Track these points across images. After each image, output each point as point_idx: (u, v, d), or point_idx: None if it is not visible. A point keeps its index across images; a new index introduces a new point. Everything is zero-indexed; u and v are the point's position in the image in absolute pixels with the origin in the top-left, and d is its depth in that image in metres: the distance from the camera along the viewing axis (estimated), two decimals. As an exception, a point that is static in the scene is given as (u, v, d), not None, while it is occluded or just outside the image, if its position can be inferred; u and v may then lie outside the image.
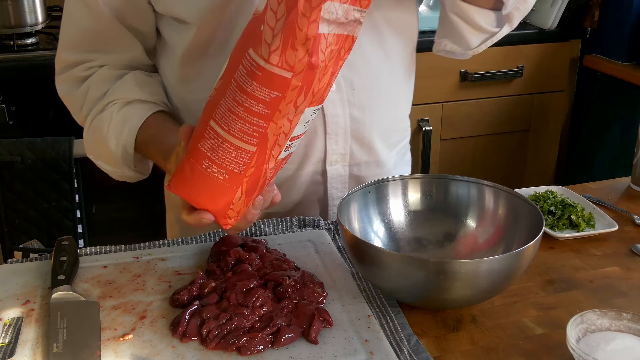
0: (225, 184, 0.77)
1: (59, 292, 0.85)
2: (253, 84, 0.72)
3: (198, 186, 0.79)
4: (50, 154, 1.84)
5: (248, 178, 0.77)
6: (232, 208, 0.80)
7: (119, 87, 1.04)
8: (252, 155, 0.76)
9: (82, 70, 1.06)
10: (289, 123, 0.76)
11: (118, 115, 1.02)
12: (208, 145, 0.77)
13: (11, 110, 1.88)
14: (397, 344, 0.79)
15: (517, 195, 0.94)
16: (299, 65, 0.71)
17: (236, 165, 0.76)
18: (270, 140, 0.75)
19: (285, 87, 0.72)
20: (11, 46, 1.95)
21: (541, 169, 2.58)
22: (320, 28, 0.71)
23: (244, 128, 0.74)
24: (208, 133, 0.77)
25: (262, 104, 0.73)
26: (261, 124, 0.74)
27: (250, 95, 0.73)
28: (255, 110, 0.73)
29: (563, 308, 0.88)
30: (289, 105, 0.74)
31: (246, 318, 0.80)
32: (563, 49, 2.44)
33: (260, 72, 0.72)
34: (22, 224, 1.94)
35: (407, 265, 0.82)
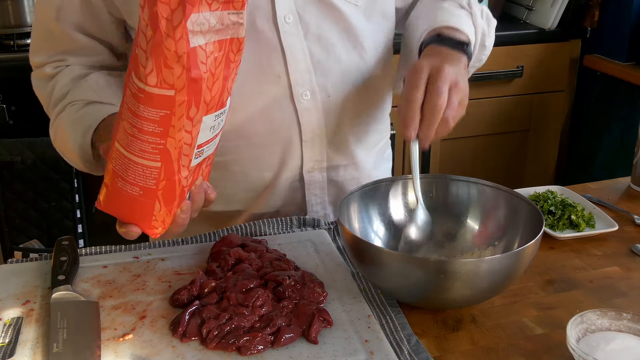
0: (141, 199, 0.78)
1: (59, 292, 0.85)
2: (139, 106, 0.73)
3: (118, 203, 0.80)
4: (50, 154, 1.84)
5: (162, 191, 0.78)
6: (155, 219, 0.81)
7: (77, 89, 1.04)
8: (158, 170, 0.76)
9: (51, 68, 1.08)
10: (188, 134, 0.76)
11: (76, 115, 1.02)
12: (118, 166, 0.78)
13: (11, 110, 1.88)
14: (397, 344, 0.79)
15: (517, 195, 0.94)
16: (178, 82, 0.71)
17: (146, 181, 0.77)
18: (173, 154, 0.76)
19: (171, 105, 0.72)
20: (11, 46, 1.95)
21: (541, 169, 2.58)
22: (194, 41, 0.71)
23: (143, 147, 0.75)
24: (115, 154, 0.77)
25: (153, 123, 0.73)
26: (158, 141, 0.74)
27: (140, 116, 0.73)
28: (148, 130, 0.74)
29: (563, 308, 0.88)
30: (181, 120, 0.74)
31: (246, 318, 0.80)
32: (563, 49, 2.44)
33: (142, 95, 0.72)
34: (22, 224, 1.94)
35: (407, 265, 0.82)
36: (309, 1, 1.00)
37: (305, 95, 1.03)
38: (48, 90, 1.07)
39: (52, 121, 1.07)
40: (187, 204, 0.83)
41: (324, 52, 1.03)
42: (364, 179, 1.14)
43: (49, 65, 1.07)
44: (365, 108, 1.12)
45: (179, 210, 0.82)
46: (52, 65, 1.07)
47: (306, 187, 1.11)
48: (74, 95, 1.04)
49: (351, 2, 1.03)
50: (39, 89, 1.10)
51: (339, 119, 1.08)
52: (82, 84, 1.04)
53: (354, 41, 1.05)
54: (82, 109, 1.02)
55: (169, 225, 0.82)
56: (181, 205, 0.82)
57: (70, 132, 1.01)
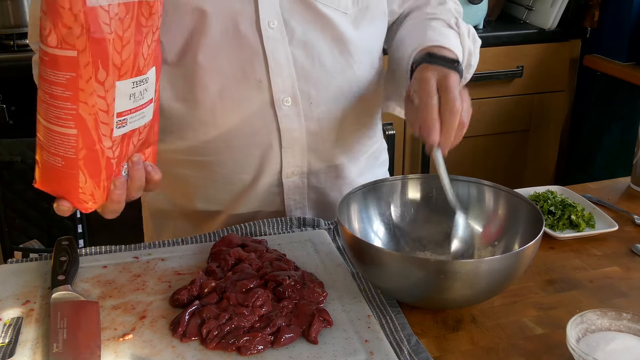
0: (64, 170, 0.78)
1: (59, 292, 0.85)
2: (46, 70, 0.73)
3: (48, 177, 0.80)
4: (50, 154, 1.83)
5: (83, 161, 0.78)
6: (82, 192, 0.80)
7: None
8: (75, 138, 0.76)
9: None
10: (102, 100, 0.76)
11: None
12: (42, 137, 0.78)
13: (11, 110, 1.88)
14: (397, 344, 0.79)
15: (517, 195, 0.94)
16: (79, 42, 0.72)
17: (66, 150, 0.77)
18: (89, 121, 0.76)
19: (75, 66, 0.73)
20: (11, 46, 1.95)
21: (541, 169, 2.58)
22: (92, 1, 0.71)
23: (58, 114, 0.75)
24: (38, 125, 0.78)
25: (61, 87, 0.74)
26: (69, 106, 0.75)
27: (48, 81, 0.74)
28: (58, 95, 0.74)
29: (563, 308, 0.88)
30: (89, 83, 0.74)
31: (246, 318, 0.80)
32: (563, 49, 2.44)
33: (47, 57, 0.73)
34: (22, 224, 1.94)
35: (407, 265, 0.82)
36: (296, 7, 0.99)
37: (286, 101, 1.02)
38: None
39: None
40: (121, 179, 0.82)
41: (308, 59, 1.02)
42: (346, 186, 1.13)
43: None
44: (352, 116, 1.10)
45: (112, 185, 0.81)
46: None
47: (285, 192, 1.10)
48: None
49: (340, 10, 1.02)
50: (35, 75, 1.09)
51: (321, 126, 1.07)
52: None
53: (342, 48, 1.04)
54: None
55: (101, 200, 0.82)
56: (114, 180, 0.81)
57: None
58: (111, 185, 0.81)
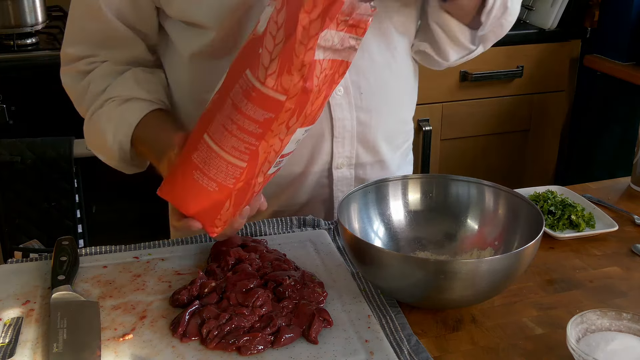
0: (215, 195, 0.80)
1: (59, 292, 0.85)
2: (248, 104, 0.74)
3: (188, 195, 0.81)
4: (50, 154, 1.84)
5: (237, 191, 0.80)
6: (220, 218, 0.82)
7: (118, 84, 1.05)
8: (242, 170, 0.78)
9: (85, 64, 1.08)
10: (280, 142, 0.78)
11: (116, 112, 1.03)
12: (200, 158, 0.79)
13: (11, 110, 1.88)
14: (397, 344, 0.79)
15: (517, 195, 0.94)
16: (293, 90, 0.73)
17: (226, 179, 0.79)
18: (261, 158, 0.78)
19: (278, 109, 0.74)
20: (11, 46, 1.95)
21: (541, 169, 2.58)
22: (316, 54, 0.73)
23: (236, 145, 0.77)
24: (201, 146, 0.79)
25: (255, 124, 0.75)
26: (253, 142, 0.76)
27: (244, 114, 0.75)
28: (248, 129, 0.76)
29: (563, 308, 0.88)
30: (281, 126, 0.76)
31: (246, 318, 0.80)
32: (563, 49, 2.44)
33: (255, 93, 0.74)
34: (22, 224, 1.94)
35: (407, 265, 0.82)
36: None
37: (339, 90, 1.05)
38: (82, 86, 1.08)
39: (88, 117, 1.07)
40: (247, 210, 0.85)
41: (360, 51, 1.04)
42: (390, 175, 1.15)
43: (83, 61, 1.08)
44: (395, 108, 1.13)
45: (238, 214, 0.83)
46: (85, 61, 1.08)
47: (334, 184, 1.11)
48: (113, 91, 1.04)
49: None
50: (71, 86, 1.10)
51: (370, 117, 1.09)
52: (121, 80, 1.05)
53: (387, 42, 1.07)
54: (122, 106, 1.03)
55: (226, 226, 0.84)
56: (243, 209, 0.83)
57: (109, 129, 1.03)
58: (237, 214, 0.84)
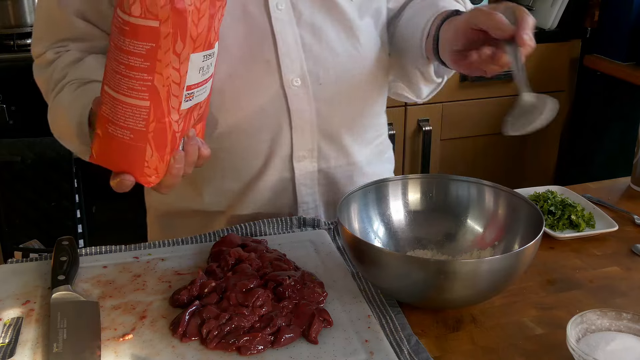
0: (132, 143, 0.78)
1: (59, 292, 0.85)
2: (125, 39, 0.74)
3: (111, 151, 0.80)
4: (50, 154, 1.84)
5: (152, 133, 0.78)
6: (148, 165, 0.80)
7: (78, 68, 1.04)
8: (147, 110, 0.77)
9: (51, 53, 1.07)
10: (176, 72, 0.77)
11: (74, 94, 1.01)
12: (108, 110, 0.78)
13: (11, 110, 1.88)
14: (397, 344, 0.79)
15: (517, 195, 0.94)
16: (162, 12, 0.73)
17: (136, 123, 0.78)
18: (162, 93, 0.77)
19: (156, 37, 0.74)
20: (11, 46, 1.95)
21: (541, 169, 2.58)
22: None
23: (131, 85, 0.76)
24: (105, 98, 0.78)
25: (139, 58, 0.74)
26: (145, 77, 0.75)
27: (126, 51, 0.74)
28: (135, 65, 0.75)
29: (563, 308, 0.88)
30: (167, 54, 0.75)
31: (246, 318, 0.80)
32: (563, 49, 2.44)
33: (127, 27, 0.73)
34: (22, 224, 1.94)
35: (407, 265, 0.82)
36: None
37: (295, 81, 1.03)
38: (47, 75, 1.07)
39: (50, 104, 1.06)
40: (181, 154, 0.83)
41: (316, 40, 1.04)
42: (357, 174, 1.13)
43: (50, 51, 1.07)
44: (359, 99, 1.12)
45: (172, 159, 0.82)
46: (53, 50, 1.07)
47: (296, 178, 1.09)
48: (72, 75, 1.03)
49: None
50: (39, 76, 1.09)
51: (330, 108, 1.07)
52: (80, 65, 1.04)
53: (348, 33, 1.06)
54: (80, 88, 1.01)
55: (162, 174, 0.82)
56: (174, 154, 0.82)
57: (68, 111, 1.00)
58: (171, 160, 0.82)
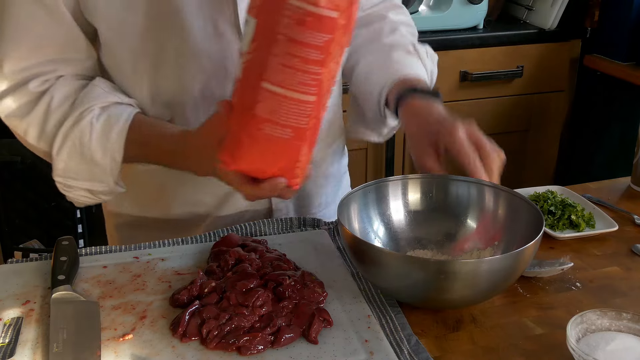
0: (292, 141, 0.77)
1: (59, 292, 0.85)
2: (305, 31, 0.72)
3: (262, 153, 0.78)
4: (50, 154, 1.84)
5: (310, 131, 0.77)
6: (299, 165, 0.79)
7: (89, 93, 0.95)
8: (312, 105, 0.75)
9: (36, 85, 0.93)
10: (336, 66, 0.76)
11: (99, 121, 0.93)
12: (266, 108, 0.75)
13: (11, 110, 1.87)
14: (397, 344, 0.79)
15: (517, 195, 0.94)
16: (343, 3, 0.72)
17: (299, 120, 0.75)
18: (324, 87, 0.75)
19: (334, 28, 0.72)
20: (11, 46, 1.95)
21: (541, 169, 2.58)
22: None
23: (303, 79, 0.74)
24: (262, 96, 0.75)
25: (316, 50, 0.73)
26: (317, 70, 0.74)
27: (304, 43, 0.72)
28: (311, 58, 0.73)
29: (563, 308, 0.88)
30: (336, 47, 0.74)
31: (246, 318, 0.80)
32: (563, 49, 2.44)
33: (310, 18, 0.71)
34: (22, 224, 1.94)
35: (407, 265, 0.82)
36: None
37: None
38: (39, 112, 0.94)
39: (60, 141, 0.94)
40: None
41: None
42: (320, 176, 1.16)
43: (34, 82, 0.93)
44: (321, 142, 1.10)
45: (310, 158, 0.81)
46: (37, 81, 0.93)
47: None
48: (88, 101, 0.93)
49: None
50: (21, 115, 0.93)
51: None
52: (92, 88, 0.96)
53: None
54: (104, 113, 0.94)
55: (304, 175, 0.81)
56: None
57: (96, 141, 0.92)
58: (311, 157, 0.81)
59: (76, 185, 0.98)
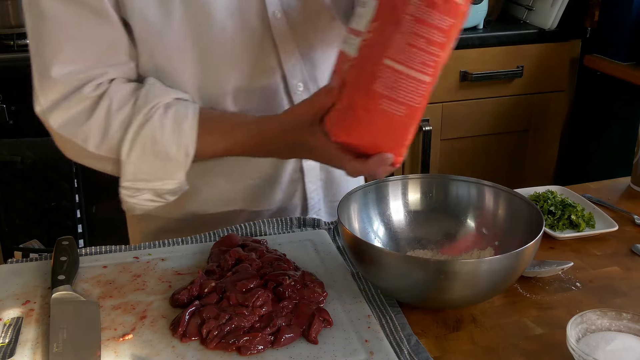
0: (404, 119, 0.80)
1: (59, 292, 0.85)
2: (434, 14, 0.75)
3: (375, 127, 0.81)
4: (50, 154, 1.84)
5: (421, 111, 0.80)
6: (405, 143, 0.82)
7: (150, 91, 0.93)
8: (426, 86, 0.78)
9: (91, 90, 0.91)
10: (450, 50, 0.79)
11: (168, 117, 0.92)
12: (386, 84, 0.78)
13: (11, 110, 1.88)
14: (397, 344, 0.79)
15: (517, 195, 0.94)
16: None
17: (414, 98, 0.78)
18: (439, 69, 0.78)
19: (458, 14, 0.76)
20: (11, 46, 1.95)
21: (541, 169, 2.58)
22: None
23: (425, 59, 0.77)
24: (383, 72, 0.78)
25: (442, 33, 0.76)
26: (438, 53, 0.77)
27: (432, 25, 0.75)
28: (435, 40, 0.76)
29: (563, 308, 0.88)
30: (455, 32, 0.77)
31: (246, 318, 0.80)
32: (563, 49, 2.44)
33: (441, 1, 0.75)
34: (22, 224, 1.94)
35: (407, 265, 0.82)
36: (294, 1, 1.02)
37: (299, 86, 1.06)
38: (98, 117, 0.90)
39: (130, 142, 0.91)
40: None
41: (310, 44, 1.06)
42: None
43: (89, 87, 0.90)
44: None
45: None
46: (91, 85, 0.90)
47: (305, 176, 1.12)
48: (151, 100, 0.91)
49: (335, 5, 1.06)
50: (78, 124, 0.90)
51: None
52: (150, 87, 0.94)
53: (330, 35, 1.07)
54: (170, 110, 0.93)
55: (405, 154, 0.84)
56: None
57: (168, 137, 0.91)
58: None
59: (145, 188, 0.94)
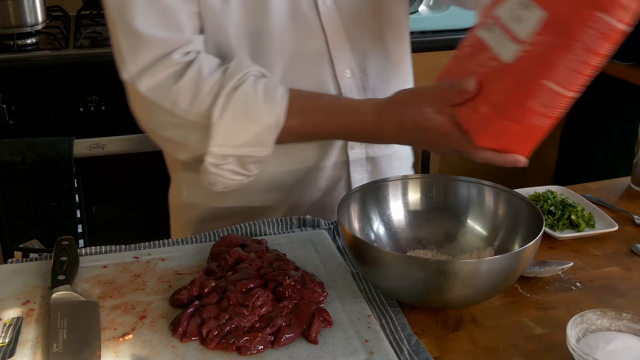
0: (546, 128, 0.83)
1: (59, 292, 0.85)
2: (605, 45, 0.77)
3: (520, 137, 0.84)
4: (50, 154, 1.84)
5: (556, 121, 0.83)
6: (536, 147, 0.86)
7: (240, 62, 0.96)
8: (568, 101, 0.81)
9: (181, 56, 0.93)
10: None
11: (260, 85, 0.94)
12: (541, 103, 0.80)
13: (11, 110, 1.88)
14: (397, 344, 0.79)
15: (517, 195, 0.94)
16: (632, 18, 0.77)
17: (561, 112, 0.81)
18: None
19: (616, 40, 0.78)
20: (11, 46, 1.95)
21: (541, 169, 2.58)
22: None
23: (583, 81, 0.79)
24: (541, 91, 0.79)
25: (603, 59, 0.78)
26: (589, 73, 0.79)
27: (599, 54, 0.77)
28: (596, 65, 0.78)
29: (563, 308, 0.88)
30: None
31: (246, 318, 0.80)
32: (563, 48, 2.44)
33: (615, 33, 0.77)
34: (22, 224, 1.94)
35: (407, 265, 0.82)
36: None
37: (346, 73, 1.07)
38: (189, 81, 0.92)
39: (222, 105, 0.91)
40: None
41: (359, 32, 1.08)
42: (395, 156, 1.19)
43: (179, 52, 0.93)
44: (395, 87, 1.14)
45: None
46: (181, 51, 0.93)
47: (350, 165, 1.13)
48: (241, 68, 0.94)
49: None
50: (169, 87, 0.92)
51: (376, 96, 1.10)
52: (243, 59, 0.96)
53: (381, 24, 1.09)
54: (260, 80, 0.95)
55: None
56: None
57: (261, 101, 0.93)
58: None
59: (232, 154, 0.94)
